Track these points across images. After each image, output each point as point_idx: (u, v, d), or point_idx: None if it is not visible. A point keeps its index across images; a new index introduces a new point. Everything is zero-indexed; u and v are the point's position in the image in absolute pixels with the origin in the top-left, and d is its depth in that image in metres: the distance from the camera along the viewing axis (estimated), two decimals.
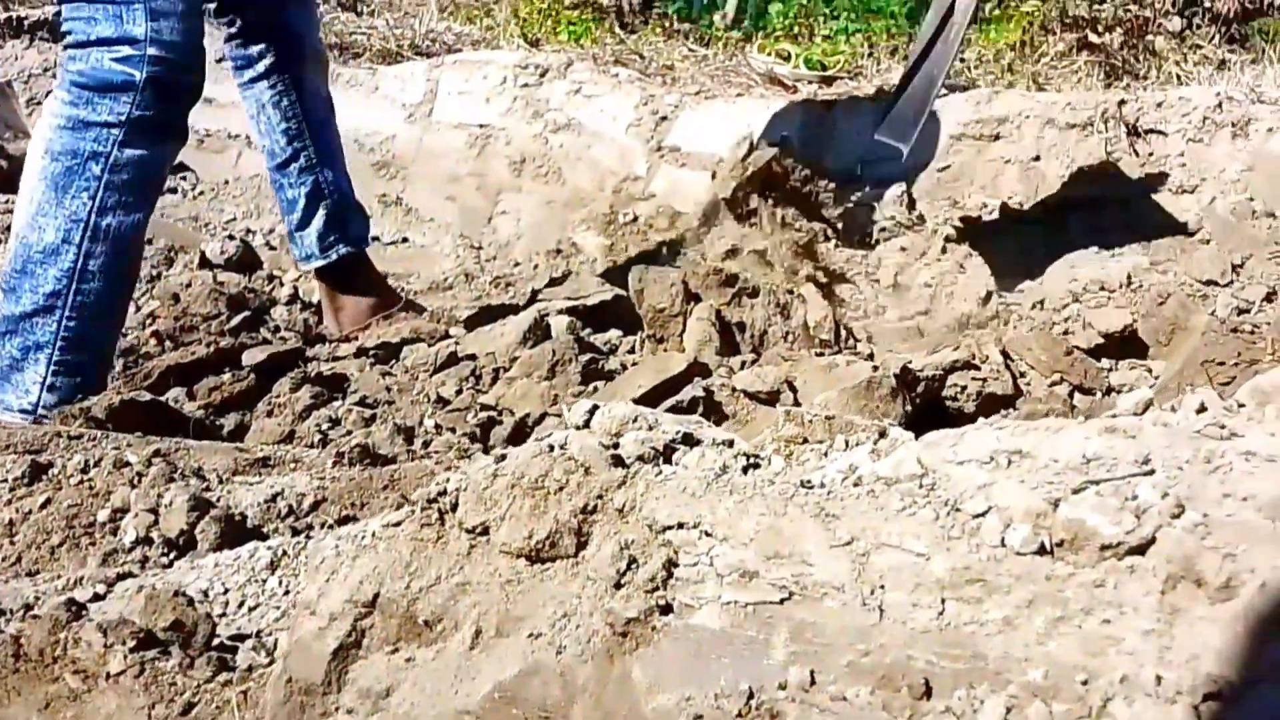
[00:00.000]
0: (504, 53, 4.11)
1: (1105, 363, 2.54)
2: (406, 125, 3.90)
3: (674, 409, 2.03)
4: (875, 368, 2.15)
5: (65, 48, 2.14)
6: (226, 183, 3.83)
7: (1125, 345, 2.57)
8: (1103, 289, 2.70)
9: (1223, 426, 1.04)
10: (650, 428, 0.97)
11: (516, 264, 3.46)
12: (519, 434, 2.01)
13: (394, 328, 2.56)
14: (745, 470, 0.98)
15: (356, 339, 2.57)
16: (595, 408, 1.00)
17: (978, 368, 2.39)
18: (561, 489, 0.93)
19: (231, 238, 3.02)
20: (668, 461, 0.95)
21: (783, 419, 1.10)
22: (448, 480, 0.97)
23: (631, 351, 2.44)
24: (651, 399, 2.06)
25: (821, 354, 2.33)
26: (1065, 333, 2.59)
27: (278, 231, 3.55)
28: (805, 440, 1.09)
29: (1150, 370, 2.52)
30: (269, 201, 3.72)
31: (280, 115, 2.62)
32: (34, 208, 2.08)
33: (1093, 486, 0.86)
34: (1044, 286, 2.79)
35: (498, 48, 4.28)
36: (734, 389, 2.11)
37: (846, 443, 1.06)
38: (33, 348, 2.05)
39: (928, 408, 2.31)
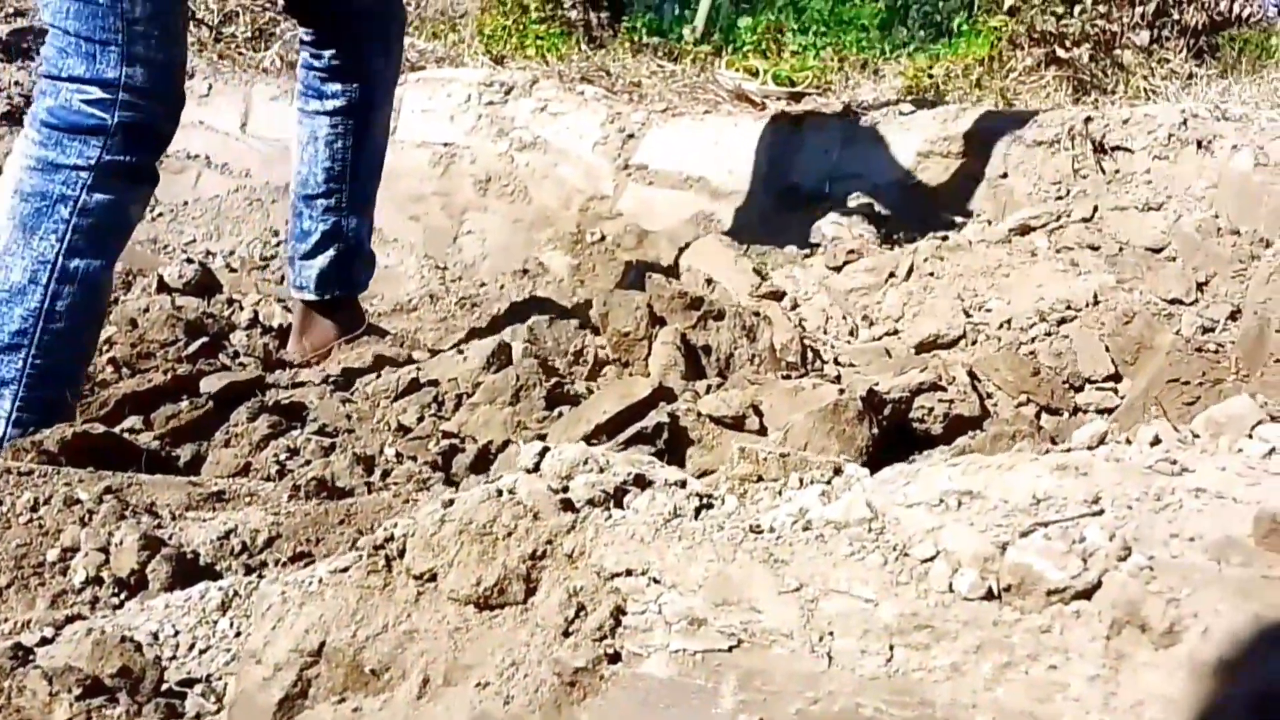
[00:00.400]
0: (468, 70, 4.10)
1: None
2: None
3: (639, 435, 2.03)
4: (842, 390, 2.14)
5: (41, 76, 2.10)
6: (186, 204, 3.80)
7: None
8: (1069, 308, 2.70)
9: (1174, 462, 1.04)
10: (601, 470, 0.96)
11: (482, 284, 3.44)
12: (482, 462, 1.99)
13: (356, 353, 2.54)
14: (697, 511, 0.97)
15: (318, 364, 2.55)
16: (546, 449, 0.99)
17: (944, 389, 2.39)
18: (510, 534, 0.92)
19: (190, 261, 2.99)
20: (618, 505, 0.95)
21: (737, 456, 1.09)
22: (395, 525, 0.96)
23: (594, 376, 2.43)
24: (616, 424, 2.05)
25: (788, 376, 2.32)
26: (1032, 353, 2.59)
27: (238, 253, 3.54)
28: (760, 478, 1.08)
29: (1116, 390, 2.52)
30: (229, 223, 3.70)
31: (330, 154, 2.60)
32: (1, 247, 2.05)
33: (1041, 529, 0.86)
34: (1011, 306, 2.78)
35: (463, 64, 4.27)
36: (699, 414, 2.10)
37: (801, 480, 1.06)
38: None
39: (895, 429, 2.31)
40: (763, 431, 2.09)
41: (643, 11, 6.89)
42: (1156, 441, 1.20)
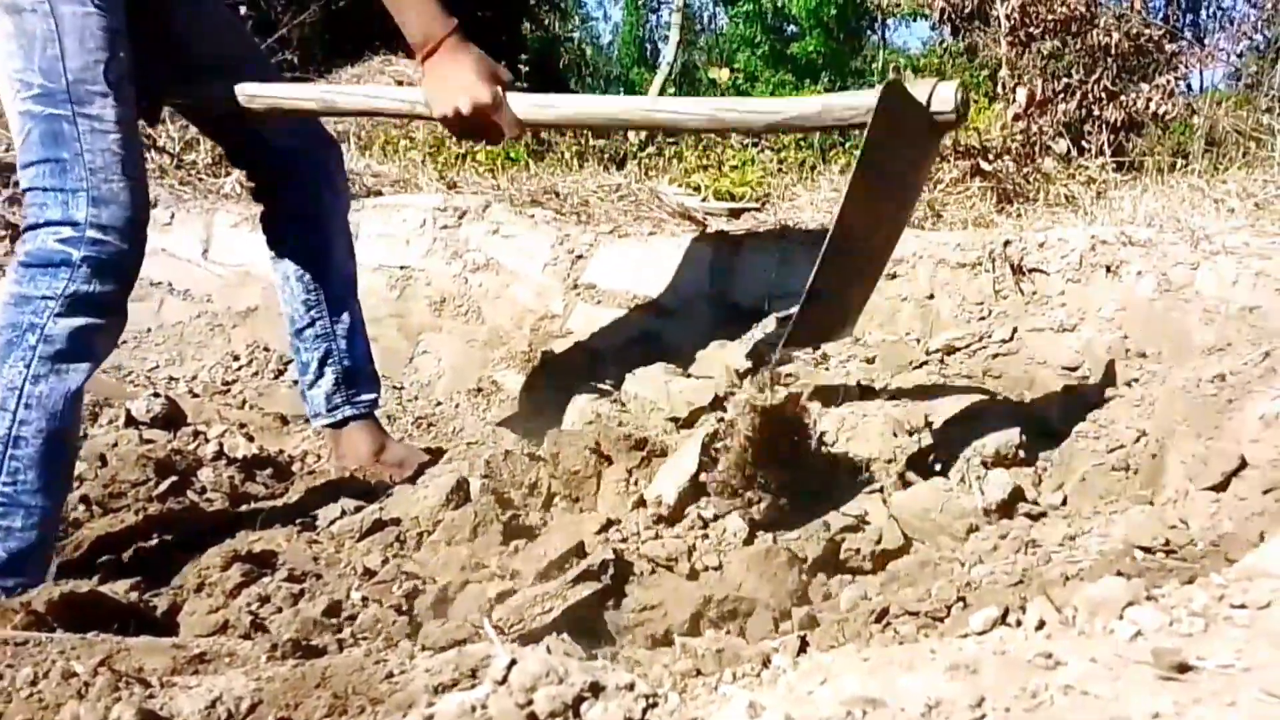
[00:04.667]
0: (423, 195, 4.26)
1: None
2: None
3: (586, 572, 2.17)
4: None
5: (22, 230, 2.31)
6: (149, 330, 3.93)
7: None
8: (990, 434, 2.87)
9: (1049, 655, 1.21)
10: (560, 681, 1.11)
11: (438, 403, 3.58)
12: (441, 603, 2.13)
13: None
14: (645, 713, 1.12)
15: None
16: (513, 663, 1.14)
17: (869, 524, 2.55)
18: None
19: (156, 395, 3.12)
20: (577, 715, 1.09)
21: (679, 651, 1.25)
22: None
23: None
24: (565, 561, 2.20)
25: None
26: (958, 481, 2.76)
27: (200, 378, 3.65)
28: (699, 671, 1.24)
29: None
30: (191, 348, 3.83)
31: (303, 288, 2.91)
32: None
33: None
34: (940, 432, 2.96)
35: (417, 188, 4.44)
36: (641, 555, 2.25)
37: (734, 675, 1.22)
38: None
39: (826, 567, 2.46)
40: (699, 574, 2.24)
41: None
42: (1041, 625, 1.37)
